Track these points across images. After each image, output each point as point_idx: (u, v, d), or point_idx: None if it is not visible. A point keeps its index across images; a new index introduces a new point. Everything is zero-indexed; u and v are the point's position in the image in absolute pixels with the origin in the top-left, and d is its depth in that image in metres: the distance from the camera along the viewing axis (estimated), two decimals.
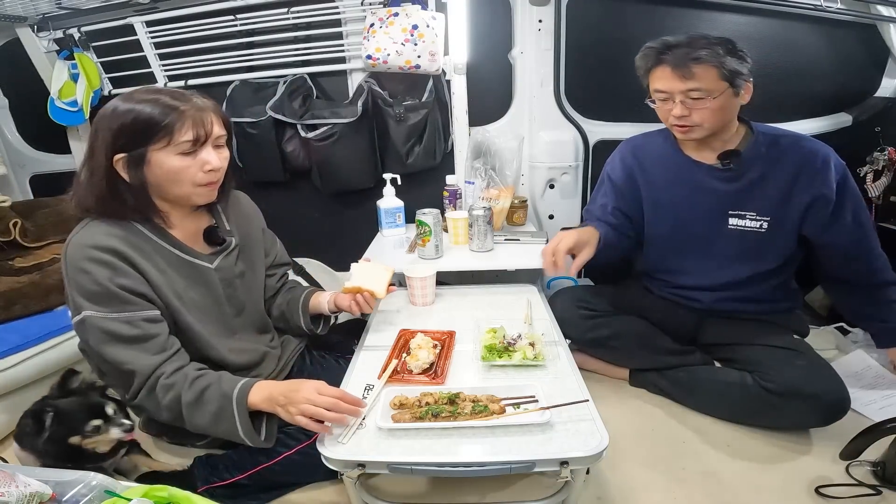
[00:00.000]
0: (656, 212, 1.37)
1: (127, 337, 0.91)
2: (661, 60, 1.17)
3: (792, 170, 1.20)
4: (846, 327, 1.73)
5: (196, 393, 0.92)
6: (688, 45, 1.14)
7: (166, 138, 0.90)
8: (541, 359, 1.02)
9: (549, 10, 1.72)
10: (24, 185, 2.18)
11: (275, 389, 0.92)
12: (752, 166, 1.23)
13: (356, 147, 1.84)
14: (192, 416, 0.93)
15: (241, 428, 0.93)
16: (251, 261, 1.17)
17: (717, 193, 1.27)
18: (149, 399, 0.94)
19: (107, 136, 0.90)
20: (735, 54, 1.13)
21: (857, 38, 1.78)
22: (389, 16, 1.68)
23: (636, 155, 1.40)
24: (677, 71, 1.14)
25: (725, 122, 1.21)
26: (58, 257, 1.61)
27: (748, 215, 1.25)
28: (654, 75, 1.20)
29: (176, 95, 0.93)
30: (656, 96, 1.22)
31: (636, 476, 1.13)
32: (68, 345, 1.44)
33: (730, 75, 1.13)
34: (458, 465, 0.79)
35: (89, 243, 0.91)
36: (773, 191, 1.22)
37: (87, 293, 0.91)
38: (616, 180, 1.42)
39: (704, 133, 1.20)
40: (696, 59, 1.12)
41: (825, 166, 1.18)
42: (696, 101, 1.15)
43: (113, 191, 0.93)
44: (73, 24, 1.84)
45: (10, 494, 0.55)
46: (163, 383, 0.93)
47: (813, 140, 1.23)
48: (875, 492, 1.04)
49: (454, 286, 1.49)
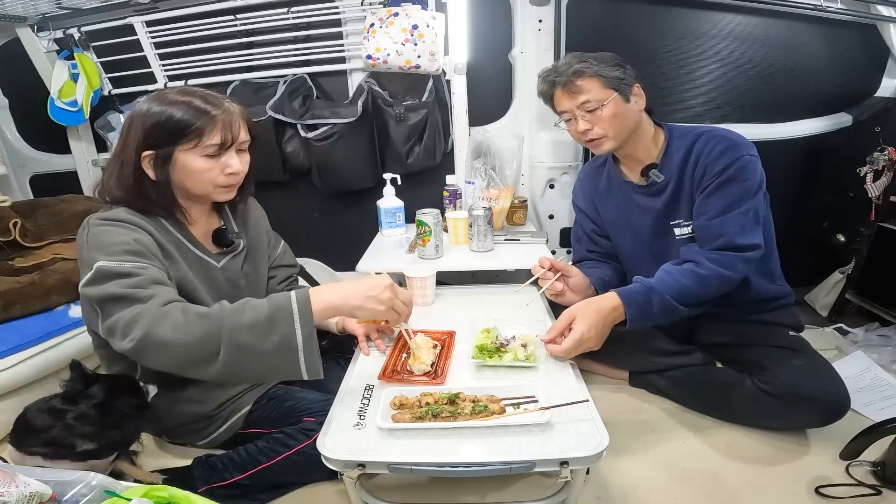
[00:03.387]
0: (615, 231, 1.44)
1: (140, 279, 0.86)
2: (554, 84, 1.26)
3: (693, 163, 1.22)
4: (846, 327, 1.73)
5: (239, 303, 0.84)
6: (568, 65, 1.22)
7: (195, 140, 0.94)
8: (532, 360, 1.02)
9: (549, 10, 1.72)
10: (24, 185, 2.18)
11: (346, 284, 0.90)
12: (671, 174, 1.25)
13: (356, 147, 1.84)
14: (229, 329, 0.79)
15: (300, 332, 0.81)
16: (257, 264, 1.19)
17: (651, 211, 1.31)
18: (162, 324, 0.80)
19: (139, 132, 0.94)
20: (611, 63, 1.21)
21: (857, 38, 1.78)
22: (389, 16, 1.68)
23: (590, 181, 1.47)
24: (566, 90, 1.23)
25: (629, 128, 1.24)
26: (58, 257, 1.61)
27: (682, 222, 1.27)
28: (554, 100, 1.29)
29: (209, 99, 0.97)
30: (562, 118, 1.30)
31: (636, 476, 1.13)
32: (68, 345, 1.44)
33: (613, 82, 1.20)
34: (458, 465, 0.79)
35: (113, 217, 0.94)
36: (688, 190, 1.24)
37: (103, 246, 0.89)
38: (583, 208, 1.50)
39: (614, 143, 1.25)
40: (577, 74, 1.21)
41: (714, 148, 1.18)
42: (591, 114, 1.22)
43: (138, 185, 0.96)
44: (73, 24, 1.85)
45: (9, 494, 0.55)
46: (179, 305, 0.83)
47: (718, 132, 1.22)
48: (875, 492, 1.04)
49: (454, 286, 1.49)
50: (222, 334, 0.80)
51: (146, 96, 1.00)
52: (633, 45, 1.79)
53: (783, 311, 1.34)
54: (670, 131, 1.29)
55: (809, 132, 1.88)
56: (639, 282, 1.17)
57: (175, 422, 1.12)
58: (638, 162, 1.31)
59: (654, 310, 1.13)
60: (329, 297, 0.88)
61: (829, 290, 1.90)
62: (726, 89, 1.84)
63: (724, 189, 1.17)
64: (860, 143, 1.75)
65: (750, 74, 1.83)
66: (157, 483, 1.02)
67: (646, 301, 1.12)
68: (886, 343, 1.60)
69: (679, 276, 1.16)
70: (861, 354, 1.52)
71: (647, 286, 1.14)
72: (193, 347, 0.80)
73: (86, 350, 1.44)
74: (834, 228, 1.90)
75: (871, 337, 1.65)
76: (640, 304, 1.12)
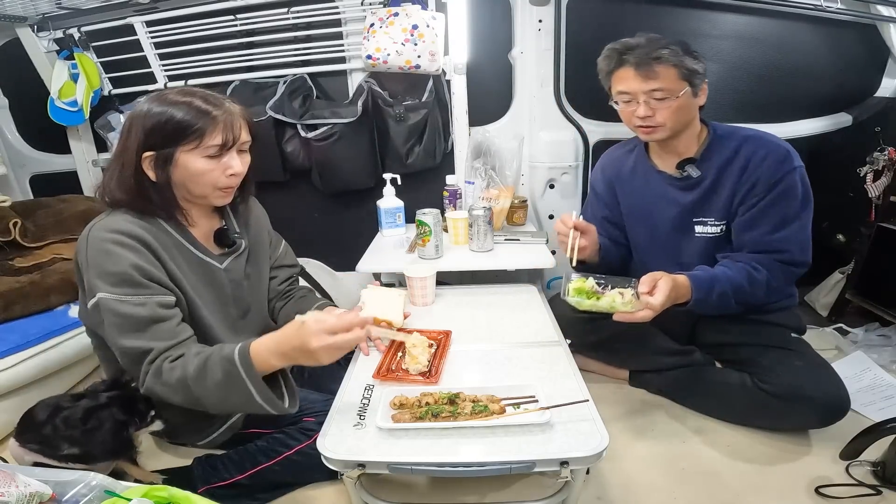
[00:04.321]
0: (633, 220, 1.42)
1: (138, 319, 0.90)
2: (623, 62, 1.18)
3: (740, 167, 1.21)
4: (846, 327, 1.73)
5: (199, 365, 0.89)
6: (648, 46, 1.16)
7: (196, 141, 0.94)
8: (629, 307, 1.04)
9: (549, 10, 1.72)
10: (24, 185, 2.18)
11: (280, 341, 0.86)
12: (708, 172, 1.24)
13: (356, 147, 1.84)
14: (201, 392, 0.88)
15: (255, 391, 0.86)
16: (259, 264, 1.19)
17: (679, 203, 1.30)
18: (156, 382, 0.91)
19: (139, 133, 0.93)
20: (691, 54, 1.17)
21: (857, 38, 1.78)
22: (389, 16, 1.68)
23: (613, 165, 1.45)
24: (640, 71, 1.16)
25: (685, 122, 1.22)
26: (58, 257, 1.61)
27: (709, 221, 1.27)
28: (616, 77, 1.22)
29: (209, 99, 0.96)
30: (620, 98, 1.23)
31: (636, 476, 1.13)
32: (68, 345, 1.44)
33: (689, 74, 1.16)
34: (458, 465, 0.79)
35: (113, 227, 0.93)
36: (725, 192, 1.23)
37: (104, 274, 0.91)
38: (600, 192, 1.48)
39: (667, 133, 1.22)
40: (657, 59, 1.14)
41: (766, 158, 1.18)
42: (659, 102, 1.17)
43: (139, 186, 0.96)
44: (73, 24, 1.84)
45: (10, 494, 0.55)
46: (168, 365, 0.91)
47: (766, 137, 1.22)
48: (875, 492, 1.04)
49: (454, 286, 1.49)
50: (197, 396, 0.89)
51: (146, 97, 0.99)
52: None
53: (786, 313, 1.34)
54: (714, 129, 1.26)
55: (809, 132, 1.88)
56: (702, 270, 1.20)
57: (175, 422, 1.12)
58: (675, 154, 1.29)
59: (713, 298, 1.15)
60: (272, 363, 0.88)
61: (829, 290, 1.90)
62: (726, 89, 1.84)
63: (781, 202, 1.17)
64: (860, 143, 1.75)
65: (750, 74, 1.82)
66: (157, 483, 1.02)
67: (709, 289, 1.16)
68: (886, 343, 1.60)
69: (737, 274, 1.18)
70: (861, 354, 1.52)
71: (711, 275, 1.18)
72: (185, 404, 0.92)
73: (85, 350, 1.44)
74: (834, 228, 1.90)
75: (871, 337, 1.65)
76: (705, 290, 1.15)
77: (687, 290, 1.14)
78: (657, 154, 1.34)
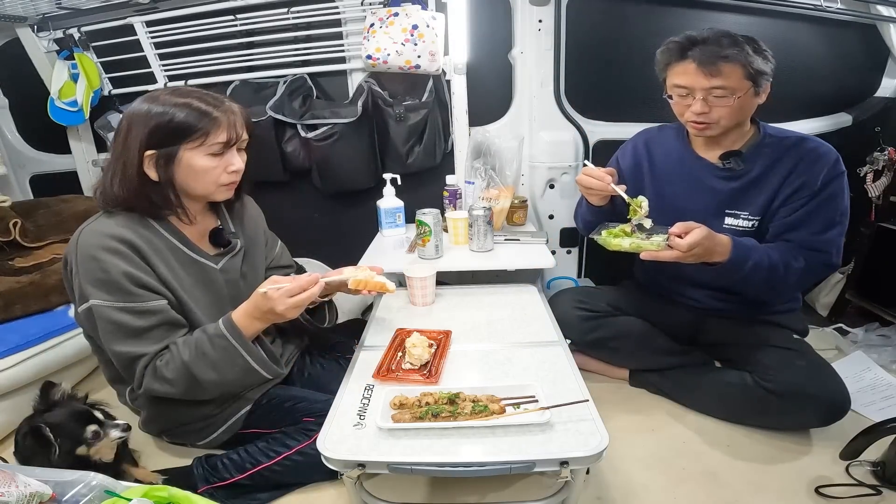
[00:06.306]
0: (657, 203, 1.36)
1: (131, 326, 0.94)
2: (685, 56, 1.14)
3: (787, 169, 1.20)
4: (846, 327, 1.73)
5: (192, 348, 0.95)
6: (716, 43, 1.11)
7: (201, 138, 0.95)
8: (659, 246, 1.06)
9: (549, 10, 1.72)
10: (24, 185, 2.18)
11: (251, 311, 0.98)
12: (752, 167, 1.23)
13: (356, 147, 1.84)
14: (202, 372, 0.95)
15: (248, 356, 0.98)
16: (254, 263, 1.19)
17: (715, 192, 1.27)
18: (154, 381, 0.96)
19: (141, 134, 0.94)
20: (761, 53, 1.12)
21: (857, 38, 1.78)
22: (389, 16, 1.68)
23: (648, 145, 1.41)
24: (703, 68, 1.11)
25: (741, 121, 1.21)
26: (58, 257, 1.61)
27: (742, 215, 1.25)
28: (674, 70, 1.18)
29: (208, 99, 0.97)
30: (675, 91, 1.19)
31: (636, 476, 1.13)
32: (68, 345, 1.44)
33: (755, 74, 1.11)
34: (458, 465, 0.79)
35: (103, 232, 0.94)
36: (768, 190, 1.22)
37: (95, 281, 0.92)
38: (623, 166, 1.44)
39: (720, 130, 1.20)
40: (724, 58, 1.10)
41: (817, 161, 1.18)
42: (718, 99, 1.13)
43: (142, 185, 0.96)
44: (73, 24, 1.84)
45: (10, 494, 0.55)
46: (161, 362, 0.96)
47: (817, 141, 1.22)
48: (875, 492, 1.04)
49: (454, 286, 1.49)
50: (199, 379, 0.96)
51: (140, 98, 0.99)
52: (633, 45, 1.79)
53: (790, 315, 1.34)
54: (763, 128, 1.25)
55: (809, 132, 1.86)
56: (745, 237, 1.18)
57: (175, 422, 1.12)
58: (720, 146, 1.26)
59: (748, 266, 1.12)
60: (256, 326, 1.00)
61: (829, 290, 1.90)
62: None
63: (829, 205, 1.17)
64: (860, 143, 1.75)
65: None
66: (157, 483, 1.02)
67: (746, 256, 1.13)
68: (886, 343, 1.60)
69: (778, 254, 1.16)
70: (861, 354, 1.52)
71: (753, 244, 1.16)
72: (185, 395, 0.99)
73: (84, 350, 1.44)
74: None
75: (871, 337, 1.65)
76: (743, 254, 1.12)
77: (726, 248, 1.10)
78: (700, 143, 1.31)
